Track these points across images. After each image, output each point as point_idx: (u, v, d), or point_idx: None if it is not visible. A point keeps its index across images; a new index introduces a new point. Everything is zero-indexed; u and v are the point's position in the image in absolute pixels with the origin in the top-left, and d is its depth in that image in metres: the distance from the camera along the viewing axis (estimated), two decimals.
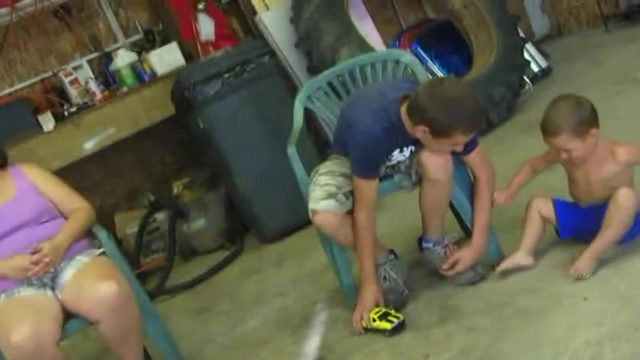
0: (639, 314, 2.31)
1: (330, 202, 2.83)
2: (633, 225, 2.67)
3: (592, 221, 2.71)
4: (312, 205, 2.86)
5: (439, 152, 2.74)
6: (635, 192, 2.64)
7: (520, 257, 2.87)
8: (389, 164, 2.88)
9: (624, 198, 2.61)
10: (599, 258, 2.66)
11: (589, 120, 2.61)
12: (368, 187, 2.80)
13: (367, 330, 2.86)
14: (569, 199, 2.90)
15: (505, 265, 2.88)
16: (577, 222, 2.83)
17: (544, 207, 2.89)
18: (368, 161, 2.78)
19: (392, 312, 2.85)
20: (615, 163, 2.66)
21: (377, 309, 2.87)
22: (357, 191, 2.82)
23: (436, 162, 2.76)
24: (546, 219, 2.89)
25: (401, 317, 2.81)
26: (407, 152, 2.85)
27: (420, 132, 2.64)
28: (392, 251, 3.16)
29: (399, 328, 2.78)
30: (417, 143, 2.78)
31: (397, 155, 2.85)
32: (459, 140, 2.64)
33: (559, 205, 2.89)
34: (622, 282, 2.52)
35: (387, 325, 2.78)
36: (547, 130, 2.65)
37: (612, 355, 2.17)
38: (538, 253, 2.90)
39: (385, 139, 2.73)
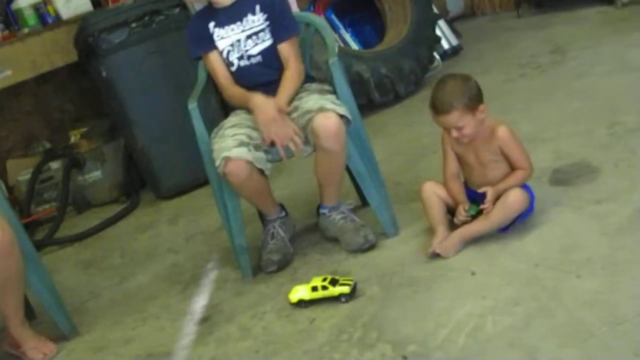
0: (521, 289, 2.37)
1: (244, 150, 2.78)
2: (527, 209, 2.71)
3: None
4: (224, 153, 2.77)
5: None
6: (522, 190, 2.68)
7: (443, 235, 2.76)
8: (230, 40, 3.03)
9: (514, 198, 2.65)
10: (467, 241, 2.72)
11: (477, 96, 2.65)
12: (207, 63, 3.09)
13: (310, 303, 2.64)
14: None
15: (434, 249, 2.74)
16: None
17: (439, 190, 2.84)
18: (190, 40, 3.13)
19: (340, 278, 2.68)
20: (496, 140, 2.69)
21: (322, 277, 2.68)
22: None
23: (328, 131, 2.76)
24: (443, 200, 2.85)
25: (353, 280, 2.68)
26: (247, 22, 3.02)
27: None
28: (282, 207, 3.19)
29: (355, 290, 2.65)
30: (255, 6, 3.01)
31: (226, 29, 3.03)
32: None
33: None
34: (509, 259, 2.58)
35: (346, 289, 2.61)
36: (439, 108, 2.64)
37: (492, 328, 2.22)
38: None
39: (197, 19, 3.14)
